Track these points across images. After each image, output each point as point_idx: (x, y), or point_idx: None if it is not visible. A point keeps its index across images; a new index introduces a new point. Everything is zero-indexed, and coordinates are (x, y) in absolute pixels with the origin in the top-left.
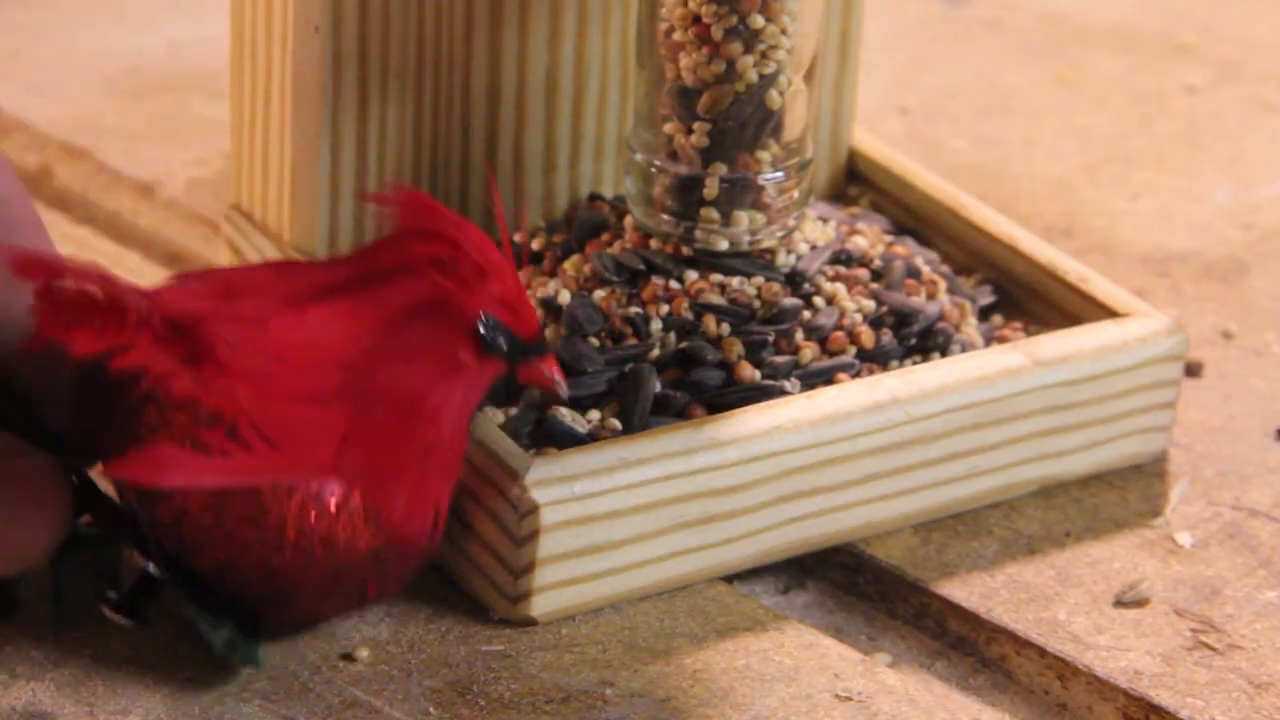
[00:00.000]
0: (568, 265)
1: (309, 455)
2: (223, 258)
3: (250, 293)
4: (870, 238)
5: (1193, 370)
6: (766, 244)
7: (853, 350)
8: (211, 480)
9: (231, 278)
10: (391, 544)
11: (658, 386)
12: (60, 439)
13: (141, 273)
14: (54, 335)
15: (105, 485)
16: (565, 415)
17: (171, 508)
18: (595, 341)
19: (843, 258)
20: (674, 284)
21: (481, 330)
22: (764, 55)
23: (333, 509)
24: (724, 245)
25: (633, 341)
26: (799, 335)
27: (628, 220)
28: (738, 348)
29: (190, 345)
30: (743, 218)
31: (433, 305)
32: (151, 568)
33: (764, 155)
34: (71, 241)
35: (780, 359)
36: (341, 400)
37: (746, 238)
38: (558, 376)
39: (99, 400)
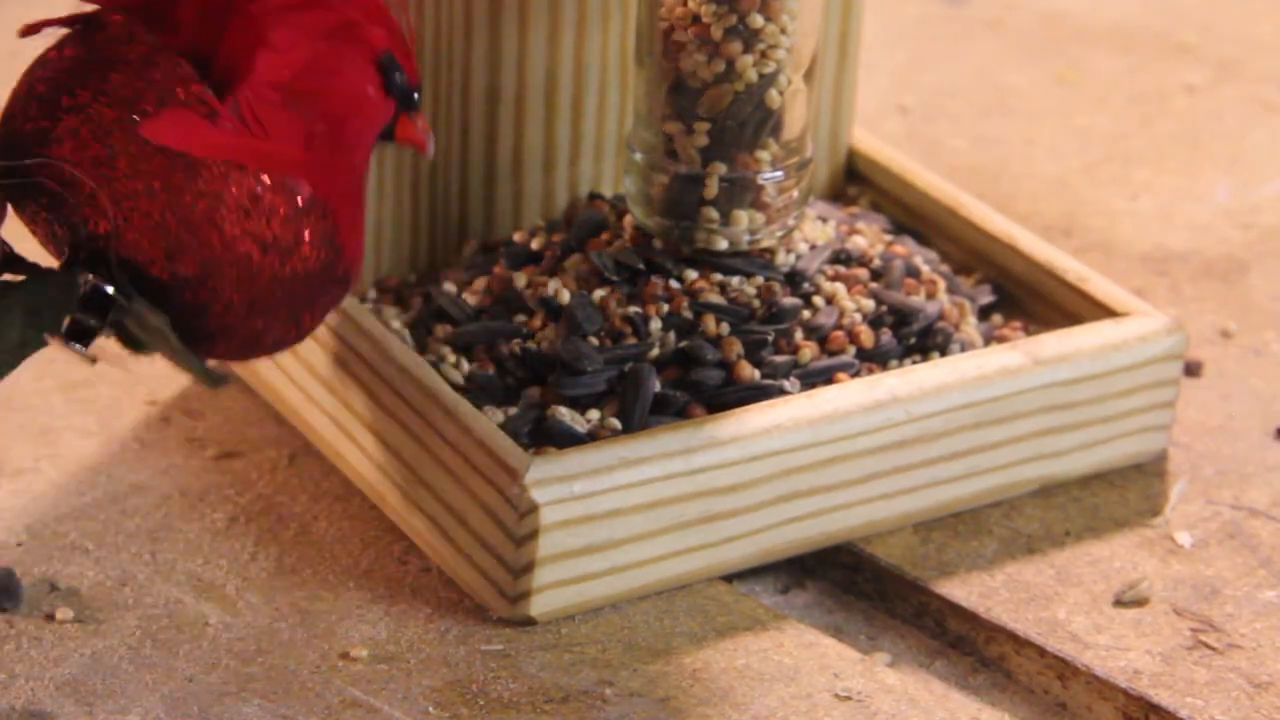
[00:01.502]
0: (568, 264)
1: (288, 149)
2: None
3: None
4: (870, 237)
5: (1192, 370)
6: (766, 243)
7: (852, 350)
8: (217, 148)
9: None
10: (335, 262)
11: (657, 386)
12: None
13: None
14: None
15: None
16: (565, 415)
17: (163, 205)
18: (595, 341)
19: (842, 257)
20: (674, 283)
21: (386, 64)
22: (763, 55)
23: (302, 207)
24: (723, 245)
25: (632, 341)
26: (798, 335)
27: (627, 220)
28: (737, 347)
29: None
30: (742, 217)
31: (343, 35)
32: (110, 290)
33: (763, 155)
34: None
35: (780, 358)
36: (291, 112)
37: (746, 237)
38: (428, 130)
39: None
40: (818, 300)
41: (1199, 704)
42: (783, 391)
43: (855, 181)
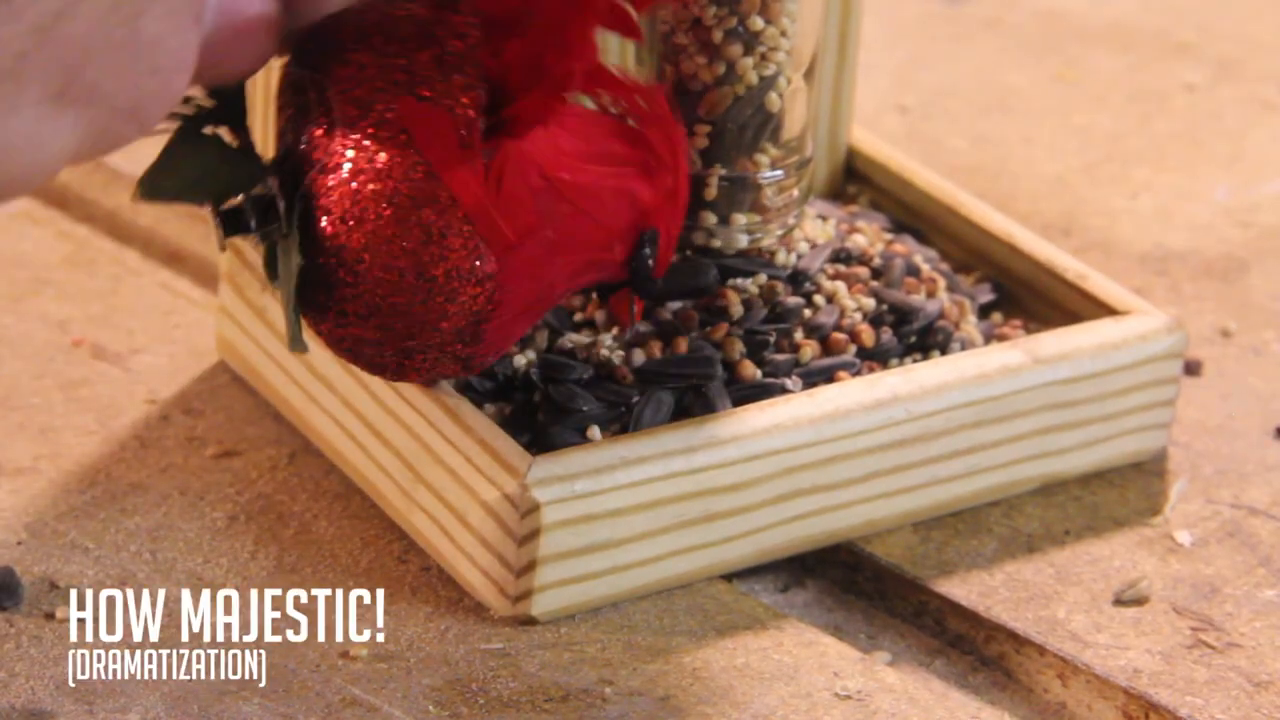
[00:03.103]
0: None
1: (504, 226)
2: (220, 257)
3: None
4: (870, 236)
5: (1192, 369)
6: (766, 243)
7: (853, 348)
8: (450, 171)
9: None
10: (468, 340)
11: (671, 409)
12: None
13: (140, 270)
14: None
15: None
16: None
17: (372, 178)
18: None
19: (843, 256)
20: None
21: (647, 239)
22: (763, 57)
23: (475, 277)
24: (721, 244)
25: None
26: (800, 334)
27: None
28: (739, 347)
29: None
30: (741, 218)
31: (629, 175)
32: (280, 207)
33: (763, 157)
34: (71, 240)
35: (781, 357)
36: (534, 201)
37: (745, 238)
38: (639, 318)
39: None
40: (818, 299)
41: (1199, 703)
42: (784, 390)
43: (855, 180)
